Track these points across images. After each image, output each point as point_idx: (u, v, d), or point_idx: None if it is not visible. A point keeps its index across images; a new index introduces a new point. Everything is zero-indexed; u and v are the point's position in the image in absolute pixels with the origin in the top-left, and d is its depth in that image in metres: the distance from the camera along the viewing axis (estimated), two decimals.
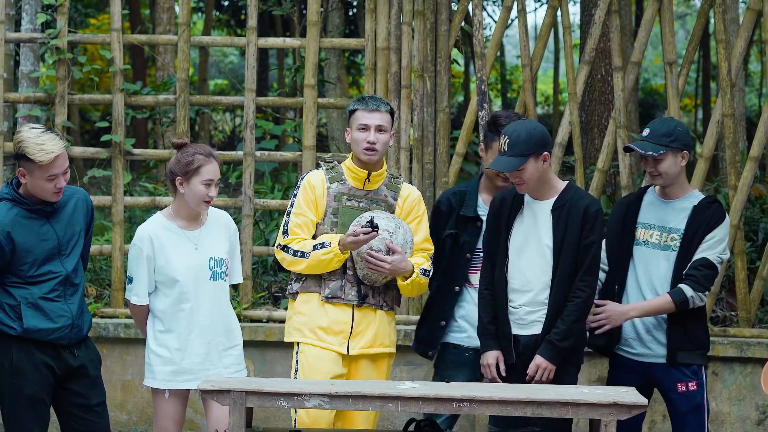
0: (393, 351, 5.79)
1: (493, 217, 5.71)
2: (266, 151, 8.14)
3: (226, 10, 24.19)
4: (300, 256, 5.60)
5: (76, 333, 5.48)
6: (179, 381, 5.58)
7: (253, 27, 7.74)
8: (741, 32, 7.60)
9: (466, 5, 7.69)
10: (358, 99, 5.78)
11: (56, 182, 5.31)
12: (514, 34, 27.29)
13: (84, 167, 14.32)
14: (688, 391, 5.64)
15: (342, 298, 5.63)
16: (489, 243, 5.71)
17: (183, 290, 5.57)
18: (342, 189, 5.69)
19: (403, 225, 5.66)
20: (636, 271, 5.73)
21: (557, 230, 5.52)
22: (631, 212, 5.81)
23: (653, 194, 5.82)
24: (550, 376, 5.47)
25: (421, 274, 5.67)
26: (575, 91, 7.64)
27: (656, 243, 5.70)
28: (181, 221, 5.63)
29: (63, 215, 5.47)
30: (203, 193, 5.51)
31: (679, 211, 5.70)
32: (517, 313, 5.59)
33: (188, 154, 5.53)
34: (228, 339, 5.67)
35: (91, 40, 8.26)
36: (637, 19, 17.00)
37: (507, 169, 5.46)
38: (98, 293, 8.04)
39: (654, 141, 5.64)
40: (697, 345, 5.69)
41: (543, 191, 5.59)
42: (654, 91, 27.72)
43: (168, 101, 7.95)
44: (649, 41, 7.95)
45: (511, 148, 5.45)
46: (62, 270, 5.44)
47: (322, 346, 5.60)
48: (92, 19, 23.07)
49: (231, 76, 28.73)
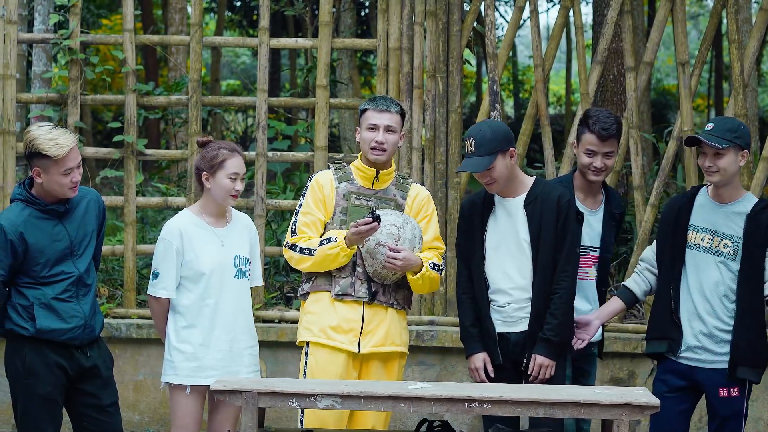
0: (405, 351, 5.76)
1: (465, 222, 5.74)
2: (278, 151, 8.14)
3: (238, 11, 24.22)
4: (307, 253, 5.60)
5: (88, 333, 5.49)
6: (201, 377, 5.57)
7: (265, 27, 7.74)
8: (754, 32, 7.59)
9: (478, 5, 7.69)
10: (369, 99, 5.78)
11: (72, 176, 5.34)
12: (527, 34, 27.26)
13: (96, 168, 14.37)
14: (729, 397, 5.54)
15: (352, 295, 5.61)
16: (462, 248, 5.73)
17: (209, 285, 5.58)
18: (351, 188, 5.70)
19: (411, 221, 5.66)
20: (687, 275, 5.63)
21: (533, 224, 5.57)
22: (682, 214, 5.69)
23: (706, 196, 5.68)
24: (552, 372, 5.50)
25: (431, 268, 5.66)
26: (587, 92, 7.63)
27: (707, 247, 5.59)
28: (209, 218, 5.67)
29: (75, 216, 5.49)
30: (229, 186, 5.56)
31: (732, 216, 5.58)
32: (503, 312, 5.61)
33: (213, 149, 5.59)
34: (249, 339, 5.69)
35: (103, 40, 8.28)
36: (649, 19, 16.98)
37: (478, 169, 5.51)
38: (110, 294, 8.05)
39: (718, 135, 5.50)
40: (759, 362, 5.57)
41: (512, 188, 5.63)
42: (666, 92, 27.67)
43: (180, 102, 7.96)
44: (662, 41, 7.93)
45: (478, 148, 5.51)
46: (75, 270, 5.45)
47: (333, 345, 5.58)
48: (104, 20, 23.10)
49: (243, 76, 28.77)
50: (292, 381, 5.24)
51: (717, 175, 5.52)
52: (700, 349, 5.58)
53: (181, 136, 11.54)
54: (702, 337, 5.57)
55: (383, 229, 5.53)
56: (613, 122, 5.79)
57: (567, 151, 7.61)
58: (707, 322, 5.56)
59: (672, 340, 5.62)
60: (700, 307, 5.58)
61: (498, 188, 5.59)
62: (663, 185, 7.63)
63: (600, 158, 5.77)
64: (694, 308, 5.59)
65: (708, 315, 5.57)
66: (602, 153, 5.77)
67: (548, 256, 5.54)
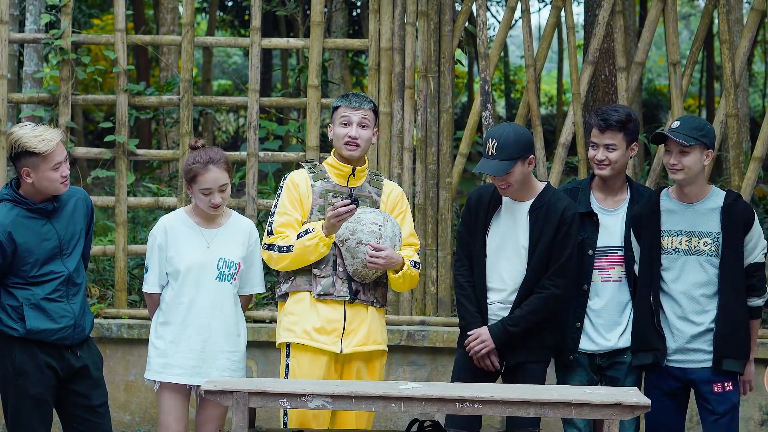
0: (385, 349, 5.76)
1: (470, 215, 5.73)
2: (270, 151, 8.13)
3: (229, 11, 24.21)
4: (286, 251, 5.58)
5: (78, 333, 5.48)
6: (169, 374, 5.59)
7: (256, 27, 7.73)
8: (745, 32, 7.59)
9: (469, 6, 7.69)
10: (341, 96, 5.77)
11: (61, 170, 5.34)
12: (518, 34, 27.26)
13: (87, 168, 14.35)
14: (724, 392, 5.56)
15: (334, 295, 5.59)
16: (464, 240, 5.73)
17: (184, 283, 5.58)
18: (327, 186, 5.68)
19: (390, 219, 5.66)
20: (668, 281, 5.62)
21: (533, 231, 5.58)
22: (650, 223, 5.67)
23: (670, 199, 5.68)
24: (484, 351, 5.54)
25: (412, 266, 5.66)
26: (579, 92, 7.64)
27: (687, 249, 5.59)
28: (199, 218, 5.68)
29: (63, 215, 5.48)
30: (204, 200, 5.55)
31: (705, 213, 5.60)
32: (490, 310, 5.64)
33: (189, 162, 5.58)
34: (227, 342, 5.65)
35: (94, 40, 8.27)
36: (641, 19, 16.98)
37: (496, 173, 5.50)
38: (101, 294, 8.03)
39: (685, 132, 5.54)
40: (742, 353, 5.60)
41: (523, 193, 5.64)
42: (658, 92, 27.71)
43: (172, 102, 7.95)
44: (653, 41, 7.93)
45: (500, 151, 5.49)
46: (64, 270, 5.44)
47: (315, 346, 5.56)
48: (96, 20, 23.05)
49: (235, 76, 28.74)
50: (283, 381, 5.24)
51: (681, 173, 5.54)
52: (692, 351, 5.58)
53: (172, 136, 11.52)
54: (693, 339, 5.58)
55: (364, 228, 5.53)
56: (614, 114, 5.73)
57: (558, 152, 7.61)
58: (697, 322, 5.57)
59: (657, 350, 5.61)
60: (689, 309, 5.58)
61: (511, 193, 5.60)
62: (654, 185, 7.64)
63: (601, 150, 5.73)
64: (681, 312, 5.59)
65: (697, 315, 5.57)
66: (603, 145, 5.73)
67: (539, 263, 5.56)
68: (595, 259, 5.75)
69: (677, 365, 5.60)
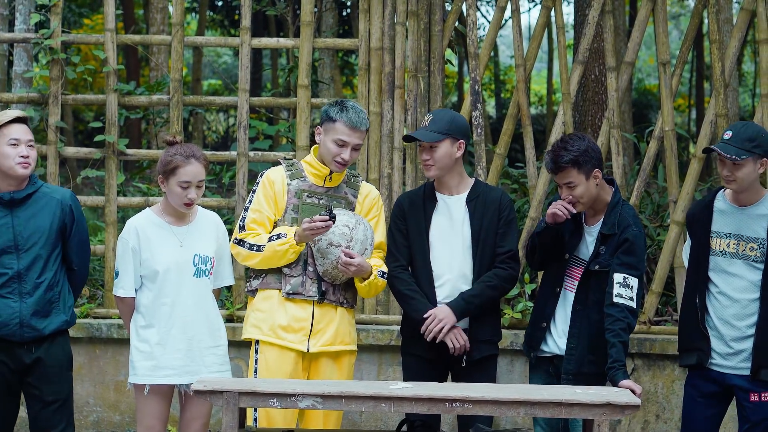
0: (354, 349, 5.79)
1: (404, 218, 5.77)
2: (260, 151, 8.13)
3: (219, 11, 24.16)
4: (256, 249, 5.58)
5: (27, 332, 5.43)
6: (159, 376, 5.57)
7: (246, 27, 7.73)
8: (734, 32, 7.60)
9: (459, 5, 7.69)
10: (340, 107, 5.66)
11: (20, 149, 5.32)
12: (508, 34, 27.28)
13: (77, 167, 14.32)
14: (760, 401, 5.49)
15: (303, 294, 5.61)
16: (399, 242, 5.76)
17: (165, 284, 5.56)
18: (303, 186, 5.69)
19: (363, 222, 5.67)
20: (714, 283, 5.56)
21: (474, 219, 5.68)
22: (702, 222, 5.61)
23: (724, 201, 5.61)
24: (446, 328, 5.57)
25: (379, 276, 5.67)
26: (569, 92, 7.64)
27: (734, 252, 5.51)
28: (169, 217, 5.64)
29: (26, 210, 5.44)
30: (180, 194, 5.51)
31: (755, 218, 5.51)
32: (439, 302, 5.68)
33: (169, 154, 5.54)
34: (211, 338, 5.65)
35: (84, 40, 8.25)
36: (630, 19, 17.01)
37: (425, 139, 5.59)
38: (91, 294, 8.02)
39: (737, 145, 5.39)
40: None
41: (454, 184, 5.73)
42: (648, 91, 27.71)
43: (161, 101, 7.95)
44: (643, 41, 7.95)
45: (432, 123, 5.64)
46: (15, 266, 5.39)
47: (282, 344, 5.58)
48: (86, 20, 23.03)
49: (225, 76, 28.70)
50: (273, 381, 5.23)
51: (734, 183, 5.46)
52: (732, 355, 5.53)
53: (162, 136, 11.51)
54: (733, 343, 5.53)
55: (336, 230, 5.54)
56: (564, 154, 5.48)
57: None
58: (738, 326, 5.51)
59: (701, 351, 5.57)
60: (731, 312, 5.53)
61: (434, 173, 5.68)
62: (644, 185, 7.65)
63: (564, 189, 5.56)
64: (724, 314, 5.54)
65: (738, 320, 5.52)
66: (563, 184, 5.57)
67: (489, 250, 5.67)
68: (568, 267, 5.71)
69: (719, 369, 5.56)
